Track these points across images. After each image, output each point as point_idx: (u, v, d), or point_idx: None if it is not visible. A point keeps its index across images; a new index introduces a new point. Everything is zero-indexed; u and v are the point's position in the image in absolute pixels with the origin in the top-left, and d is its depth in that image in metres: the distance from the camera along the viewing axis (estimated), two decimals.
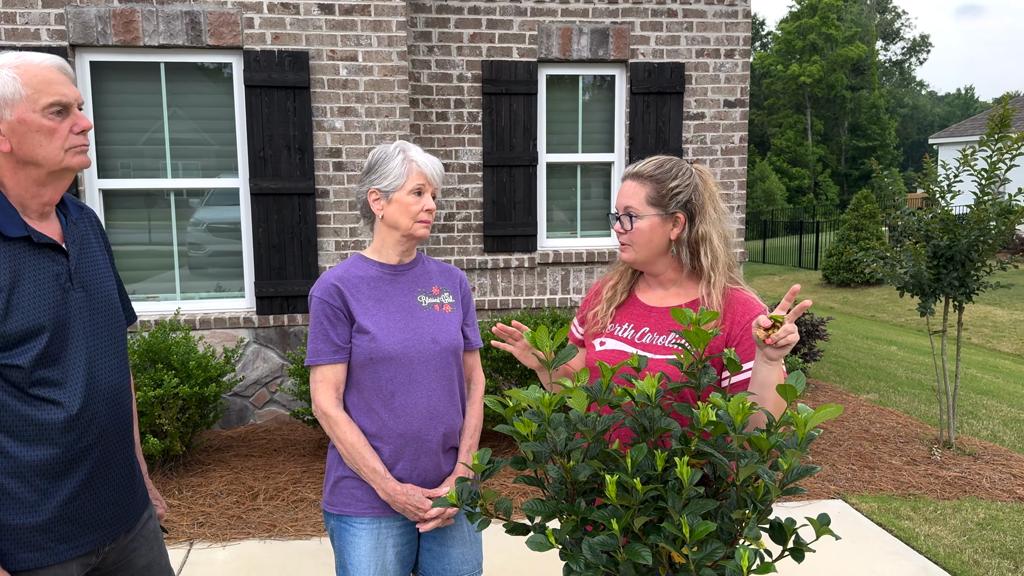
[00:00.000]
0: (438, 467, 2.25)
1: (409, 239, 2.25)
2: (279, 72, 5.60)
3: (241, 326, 5.74)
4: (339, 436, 2.17)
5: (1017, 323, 14.31)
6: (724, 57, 6.58)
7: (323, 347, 2.18)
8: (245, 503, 4.64)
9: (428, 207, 2.21)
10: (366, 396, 2.20)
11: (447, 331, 2.26)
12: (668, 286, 2.13)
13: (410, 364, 2.19)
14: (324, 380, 2.19)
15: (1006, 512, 4.65)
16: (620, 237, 2.10)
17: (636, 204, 2.06)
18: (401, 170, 2.19)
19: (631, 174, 2.09)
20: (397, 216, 2.21)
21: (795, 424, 1.41)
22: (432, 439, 2.22)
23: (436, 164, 2.25)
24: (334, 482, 2.26)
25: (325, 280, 2.22)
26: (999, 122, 4.97)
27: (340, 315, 2.19)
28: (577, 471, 1.51)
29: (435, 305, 2.29)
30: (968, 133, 23.31)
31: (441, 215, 6.42)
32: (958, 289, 5.39)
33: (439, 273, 2.36)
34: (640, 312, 2.13)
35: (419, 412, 2.20)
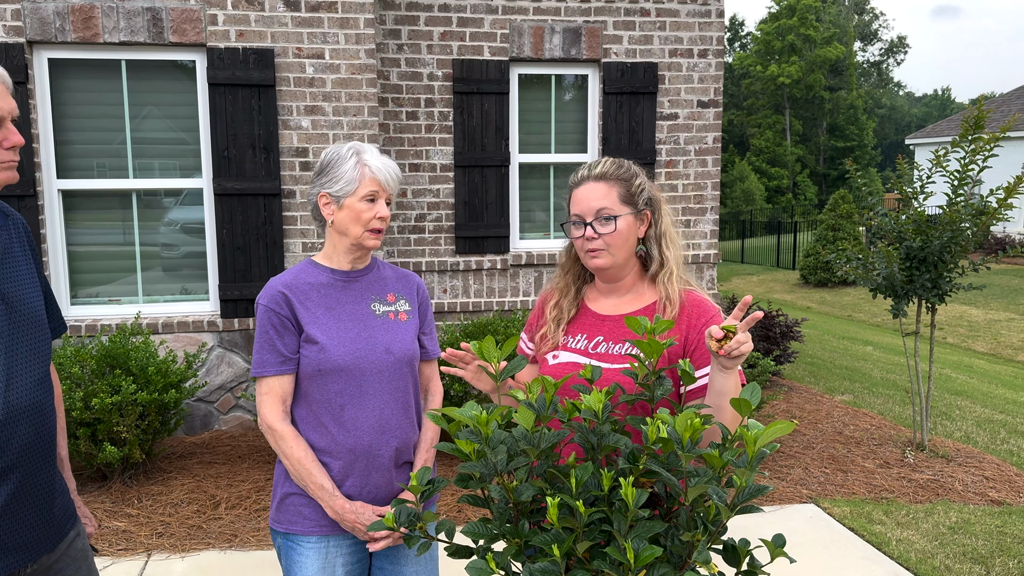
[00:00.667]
0: (390, 483, 2.16)
1: (359, 247, 2.15)
2: (244, 70, 5.48)
3: (205, 330, 5.61)
4: (285, 451, 2.07)
5: (992, 323, 14.41)
6: (697, 57, 6.53)
7: (269, 358, 2.08)
8: (206, 512, 4.52)
9: (381, 215, 2.10)
10: (314, 409, 2.10)
11: (402, 340, 2.17)
12: (624, 292, 2.06)
13: (361, 376, 2.09)
14: (270, 392, 2.09)
15: (978, 516, 4.62)
16: (591, 244, 1.97)
17: (611, 204, 1.97)
18: (353, 175, 2.08)
19: (594, 176, 1.99)
20: (347, 223, 2.10)
21: (745, 442, 1.33)
22: (384, 454, 2.12)
23: (392, 168, 2.14)
24: (280, 498, 2.16)
25: (272, 287, 2.12)
26: (973, 124, 4.95)
27: (287, 324, 2.09)
28: (519, 492, 1.43)
29: (390, 313, 2.19)
30: (944, 134, 23.48)
31: (412, 216, 6.32)
32: (931, 291, 5.37)
33: (395, 279, 2.26)
34: (593, 322, 2.05)
35: (370, 426, 2.10)
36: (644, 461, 1.44)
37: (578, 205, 1.99)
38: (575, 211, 2.00)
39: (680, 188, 6.63)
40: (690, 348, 1.92)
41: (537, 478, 1.50)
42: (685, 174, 6.63)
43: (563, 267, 2.17)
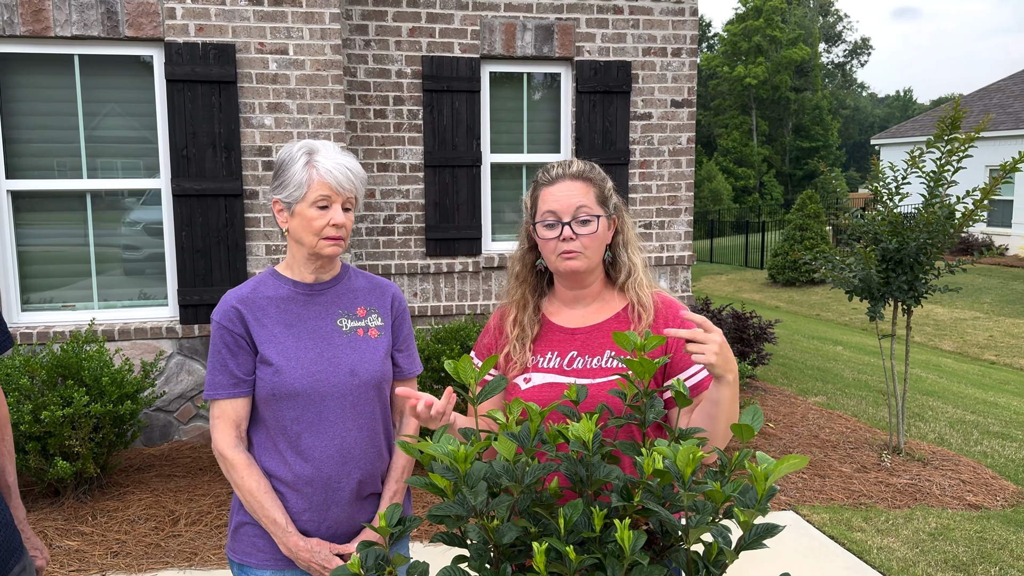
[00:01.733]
0: (351, 518, 1.98)
1: (317, 257, 1.95)
2: (203, 66, 5.26)
3: (163, 336, 5.38)
4: (236, 481, 1.90)
5: (958, 322, 14.56)
6: (671, 56, 6.43)
7: (221, 379, 1.90)
8: (165, 529, 4.31)
9: (335, 222, 1.88)
10: (271, 435, 1.93)
11: (370, 360, 1.97)
12: (591, 301, 1.93)
13: (320, 401, 1.91)
14: (222, 416, 1.91)
15: (957, 521, 4.56)
16: (568, 245, 1.82)
17: (590, 204, 1.84)
18: (301, 178, 1.88)
19: (572, 174, 1.85)
20: (300, 232, 1.91)
21: (754, 479, 1.19)
22: (345, 486, 1.94)
23: (350, 168, 1.91)
24: (235, 527, 1.99)
25: (226, 301, 1.93)
26: (950, 124, 4.89)
27: (241, 343, 1.91)
28: (501, 533, 1.28)
29: (358, 330, 1.99)
30: (909, 134, 23.76)
31: (380, 217, 6.14)
32: (907, 292, 5.31)
33: (368, 291, 2.05)
34: (561, 337, 1.90)
35: (330, 456, 1.92)
36: (639, 496, 1.30)
37: (554, 203, 1.83)
38: (549, 209, 1.83)
39: (654, 189, 6.53)
40: (671, 350, 1.83)
41: (519, 516, 1.36)
42: (659, 175, 6.52)
43: (518, 277, 1.98)
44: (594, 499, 1.40)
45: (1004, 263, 18.92)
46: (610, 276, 1.96)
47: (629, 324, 1.88)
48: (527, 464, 1.34)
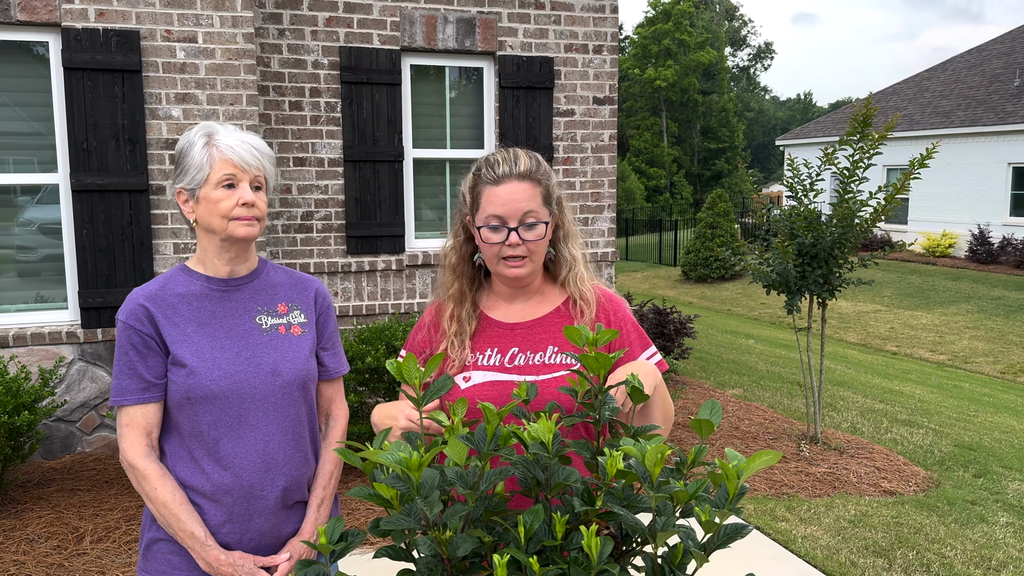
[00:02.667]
0: (276, 528, 1.84)
1: (231, 243, 1.80)
2: (105, 53, 4.94)
3: (63, 341, 5.03)
4: (148, 493, 1.74)
5: (861, 314, 15.19)
6: (593, 53, 6.43)
7: (129, 384, 1.74)
8: (68, 547, 4.01)
9: (245, 199, 1.75)
10: (186, 442, 1.78)
11: (293, 360, 1.84)
12: (531, 295, 1.86)
13: (240, 403, 1.77)
14: (131, 424, 1.75)
15: (875, 507, 4.70)
16: (514, 251, 1.74)
17: (537, 208, 1.75)
18: (202, 159, 1.74)
19: (518, 174, 1.74)
20: (208, 217, 1.76)
21: (725, 477, 1.13)
22: (268, 495, 1.81)
23: (252, 145, 1.78)
24: (147, 544, 1.83)
25: (133, 299, 1.77)
26: (862, 121, 5.04)
27: (151, 343, 1.75)
28: (455, 545, 1.18)
29: (279, 327, 1.86)
30: (812, 135, 24.68)
31: (298, 214, 5.92)
32: (822, 286, 5.46)
33: (289, 286, 1.92)
34: (501, 333, 1.82)
35: (251, 463, 1.78)
36: (600, 500, 1.23)
37: (500, 206, 1.72)
38: (495, 212, 1.73)
39: (578, 186, 6.52)
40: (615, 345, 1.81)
41: (472, 526, 1.27)
42: (583, 171, 6.52)
43: (454, 271, 1.87)
44: (552, 504, 1.32)
45: (901, 258, 19.88)
46: (549, 270, 1.88)
47: (571, 318, 1.82)
48: (481, 470, 1.25)
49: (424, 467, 1.13)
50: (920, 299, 15.90)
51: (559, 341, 1.79)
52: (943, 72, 23.77)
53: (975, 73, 22.31)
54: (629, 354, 1.79)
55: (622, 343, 1.80)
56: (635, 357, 1.79)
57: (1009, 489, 5.17)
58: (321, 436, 2.00)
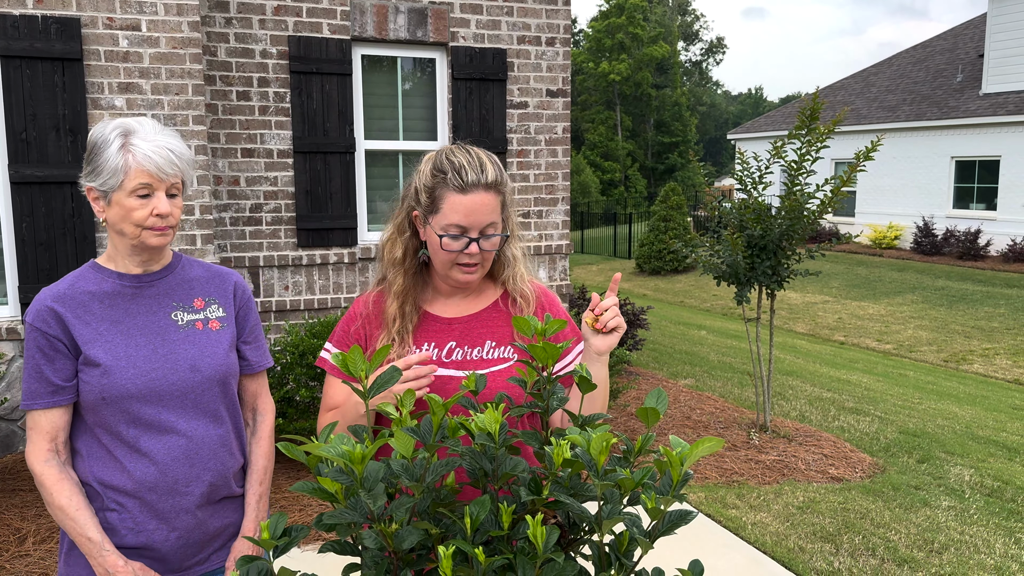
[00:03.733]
0: (203, 524, 1.83)
1: (143, 249, 1.77)
2: (44, 41, 4.79)
3: (3, 338, 4.88)
4: (45, 498, 1.72)
5: (809, 305, 15.50)
6: (545, 45, 6.43)
7: (37, 387, 1.71)
8: (10, 549, 3.90)
9: (160, 211, 1.70)
10: (104, 442, 1.75)
11: (212, 355, 1.82)
12: (469, 292, 1.86)
13: (159, 401, 1.75)
14: (35, 428, 1.72)
15: (822, 493, 4.80)
16: (471, 259, 1.73)
17: (498, 219, 1.75)
18: (117, 163, 1.67)
19: (486, 184, 1.70)
20: (119, 223, 1.72)
21: (669, 464, 1.14)
22: (194, 491, 1.79)
23: (171, 151, 1.71)
24: (68, 549, 1.79)
25: (40, 300, 1.73)
26: (809, 115, 5.12)
27: (58, 346, 1.71)
28: (401, 538, 1.17)
29: (196, 323, 1.83)
30: (763, 129, 25.06)
31: (246, 206, 5.81)
32: (771, 277, 5.54)
33: (205, 280, 1.89)
34: (438, 327, 1.81)
35: (175, 458, 1.76)
36: (547, 490, 1.23)
37: (465, 216, 1.69)
38: (459, 221, 1.69)
39: (532, 178, 6.52)
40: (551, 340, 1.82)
41: (419, 518, 1.25)
42: (536, 164, 6.52)
43: (399, 264, 1.81)
44: (500, 494, 1.31)
45: (848, 250, 20.31)
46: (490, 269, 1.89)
47: (507, 314, 1.84)
48: (427, 461, 1.23)
49: (368, 460, 1.11)
50: (867, 290, 16.27)
51: (496, 336, 1.81)
52: (889, 67, 24.33)
53: (920, 68, 22.88)
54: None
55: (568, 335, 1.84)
56: (571, 349, 1.84)
57: (951, 474, 5.32)
58: (249, 432, 1.98)
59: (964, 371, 10.88)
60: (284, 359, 4.76)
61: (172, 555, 1.80)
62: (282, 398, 4.72)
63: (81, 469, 1.77)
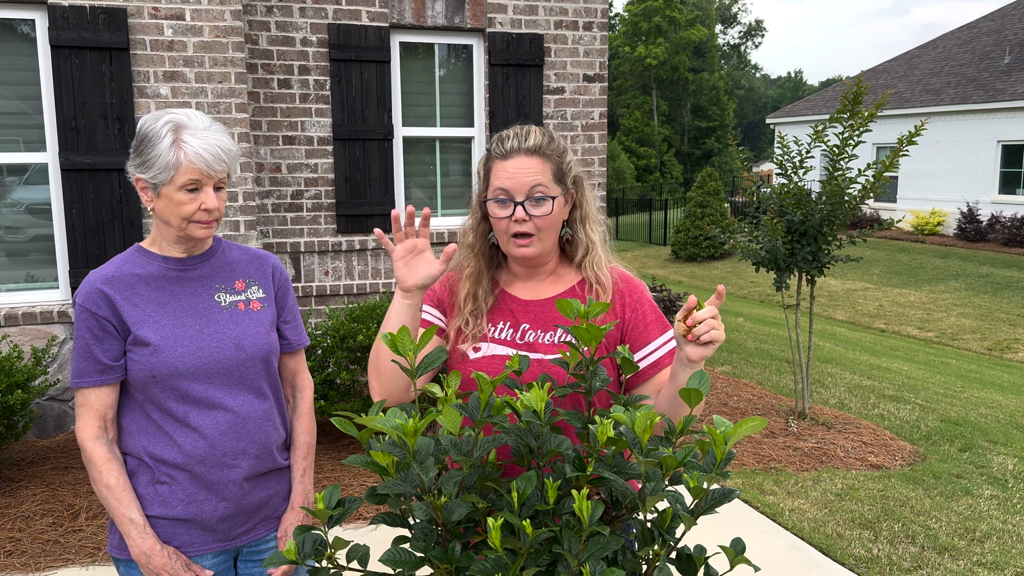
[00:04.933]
0: (248, 495, 1.91)
1: (188, 239, 1.85)
2: (92, 31, 4.90)
3: (55, 321, 5.03)
4: (93, 475, 1.79)
5: (849, 292, 15.29)
6: (583, 29, 6.41)
7: (86, 366, 1.78)
8: (64, 524, 4.04)
9: (207, 206, 1.77)
10: (154, 418, 1.82)
11: (255, 334, 1.89)
12: (545, 276, 1.84)
13: (207, 379, 1.82)
14: (86, 405, 1.79)
15: (861, 481, 4.77)
16: (520, 227, 1.71)
17: (546, 183, 1.72)
18: (168, 159, 1.73)
19: (527, 148, 1.71)
20: (167, 215, 1.79)
21: (713, 443, 1.17)
22: (241, 464, 1.87)
23: (219, 148, 1.77)
24: None
25: (90, 282, 1.80)
26: (852, 98, 5.05)
27: (107, 327, 1.78)
28: (450, 510, 1.21)
29: (239, 303, 1.91)
30: (802, 113, 24.68)
31: (288, 193, 5.91)
32: (811, 263, 5.50)
33: (245, 263, 1.96)
34: (515, 308, 1.81)
35: (222, 432, 1.84)
36: (592, 466, 1.26)
37: (507, 180, 1.70)
38: (502, 186, 1.71)
39: None
40: (627, 329, 1.76)
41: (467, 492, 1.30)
42: (573, 149, 6.52)
43: (472, 248, 1.86)
44: (543, 471, 1.35)
45: (890, 236, 19.97)
46: (566, 252, 1.86)
47: (582, 300, 1.80)
48: (474, 438, 1.27)
49: (420, 433, 1.16)
50: (908, 277, 16.01)
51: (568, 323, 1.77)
52: (933, 50, 23.77)
53: (965, 51, 22.32)
54: (644, 334, 1.77)
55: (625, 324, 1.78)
56: (651, 339, 1.76)
57: (994, 462, 5.25)
58: (290, 408, 2.06)
59: (1009, 360, 10.68)
60: (325, 343, 4.84)
61: (220, 525, 1.88)
62: (323, 381, 4.81)
63: (131, 444, 1.84)
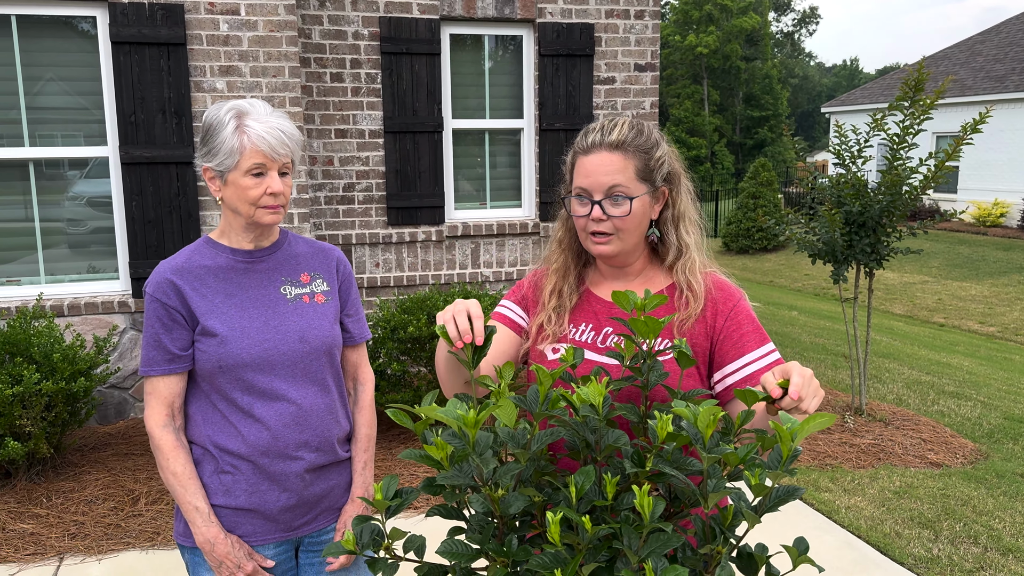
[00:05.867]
0: (310, 487, 1.92)
1: (256, 226, 1.86)
2: (150, 27, 5.01)
3: (116, 311, 5.17)
4: (161, 462, 1.82)
5: (907, 285, 14.90)
6: (634, 18, 6.33)
7: (155, 355, 1.81)
8: (124, 509, 4.16)
9: (273, 190, 1.78)
10: (220, 408, 1.84)
11: (319, 327, 1.90)
12: (633, 277, 1.75)
13: (272, 370, 1.83)
14: (155, 394, 1.82)
15: (920, 479, 4.65)
16: (597, 226, 1.63)
17: (626, 181, 1.61)
18: (233, 144, 1.75)
19: (608, 144, 1.62)
20: (235, 202, 1.80)
21: (779, 439, 1.13)
22: (303, 455, 1.88)
23: (283, 131, 1.78)
24: None
25: (160, 272, 1.82)
26: (913, 85, 4.90)
27: (177, 316, 1.81)
28: (507, 503, 1.20)
29: (304, 296, 1.91)
30: (859, 102, 24.09)
31: (340, 185, 5.97)
32: (870, 255, 5.36)
33: (310, 256, 1.97)
34: (600, 309, 1.73)
35: (285, 424, 1.85)
36: (651, 462, 1.24)
37: (585, 177, 1.63)
38: (581, 184, 1.64)
39: None
40: (719, 338, 1.64)
41: (524, 485, 1.29)
42: None
43: (560, 242, 1.80)
44: (600, 465, 1.33)
45: (950, 228, 19.40)
46: (658, 252, 1.76)
47: (673, 308, 1.68)
48: (532, 431, 1.26)
49: (480, 424, 1.15)
50: (969, 270, 15.53)
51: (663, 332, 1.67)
52: (996, 35, 22.97)
53: None
54: (738, 346, 1.63)
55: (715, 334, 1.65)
56: (746, 351, 1.64)
57: None
58: (351, 401, 2.07)
59: None
60: (376, 334, 4.88)
61: (282, 516, 1.89)
62: (374, 372, 4.85)
63: (196, 433, 1.87)
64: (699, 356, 1.65)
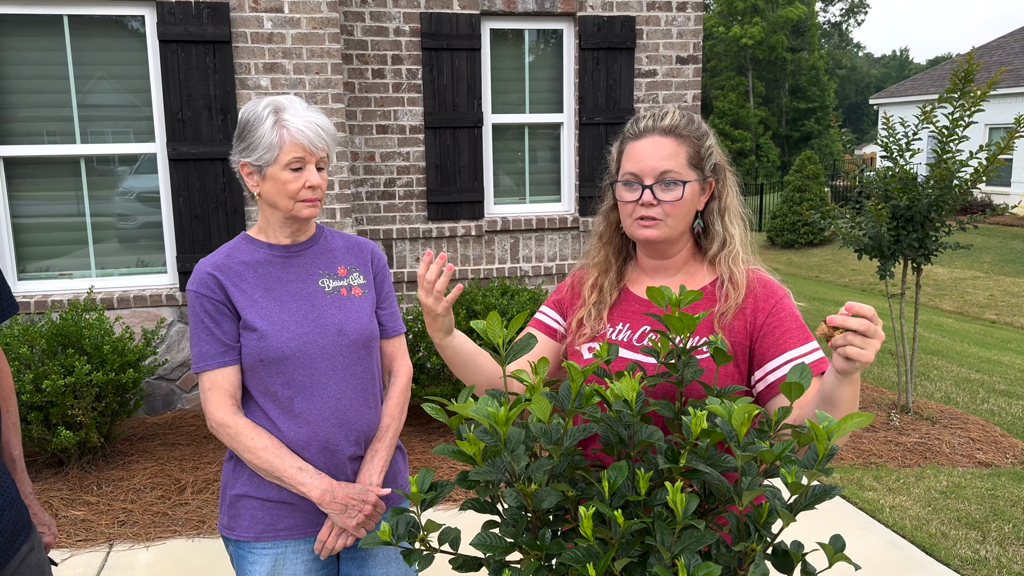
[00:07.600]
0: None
1: (294, 220, 1.88)
2: (197, 25, 5.10)
3: (163, 304, 5.29)
4: (247, 445, 1.81)
5: (958, 281, 14.54)
6: (676, 11, 6.27)
7: (209, 349, 1.83)
8: (171, 497, 4.26)
9: (312, 183, 1.80)
10: (260, 403, 1.86)
11: (357, 320, 1.91)
12: (673, 272, 1.72)
13: (311, 363, 1.84)
14: (215, 387, 1.83)
15: (968, 479, 4.54)
16: (647, 211, 1.61)
17: (678, 167, 1.60)
18: (272, 139, 1.77)
19: (662, 129, 1.62)
20: (274, 196, 1.82)
21: (816, 437, 1.12)
22: (343, 448, 1.89)
23: (320, 125, 1.81)
24: (231, 502, 1.91)
25: (201, 269, 1.85)
26: (963, 77, 4.78)
27: (223, 309, 1.83)
28: (540, 498, 1.21)
29: (341, 289, 1.93)
30: (908, 94, 23.54)
31: (381, 181, 6.02)
32: (917, 250, 5.24)
33: (346, 250, 1.99)
34: (637, 308, 1.71)
35: (325, 418, 1.86)
36: (684, 458, 1.23)
37: (637, 162, 1.62)
38: (631, 168, 1.63)
39: None
40: (759, 335, 1.61)
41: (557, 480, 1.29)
42: None
43: (601, 237, 1.79)
44: (634, 461, 1.33)
45: (1003, 222, 18.87)
46: (700, 246, 1.73)
47: (715, 301, 1.65)
48: (565, 426, 1.27)
49: (511, 422, 1.15)
50: (1022, 265, 15.09)
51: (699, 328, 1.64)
52: None
53: None
54: (779, 343, 1.60)
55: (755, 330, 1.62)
56: (787, 348, 1.59)
57: None
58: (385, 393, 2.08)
59: None
60: (416, 327, 4.92)
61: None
62: (414, 365, 4.89)
63: None
64: (739, 354, 1.62)
